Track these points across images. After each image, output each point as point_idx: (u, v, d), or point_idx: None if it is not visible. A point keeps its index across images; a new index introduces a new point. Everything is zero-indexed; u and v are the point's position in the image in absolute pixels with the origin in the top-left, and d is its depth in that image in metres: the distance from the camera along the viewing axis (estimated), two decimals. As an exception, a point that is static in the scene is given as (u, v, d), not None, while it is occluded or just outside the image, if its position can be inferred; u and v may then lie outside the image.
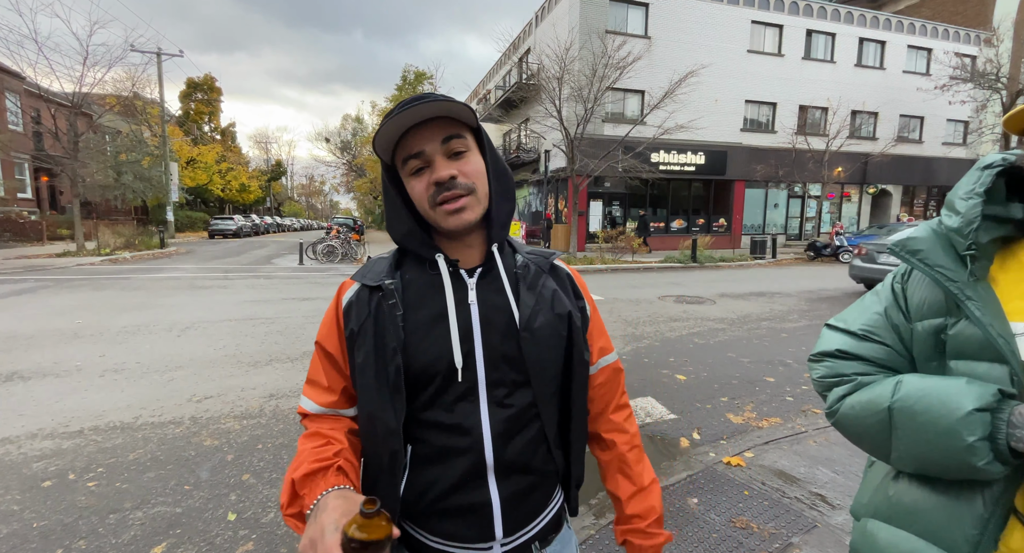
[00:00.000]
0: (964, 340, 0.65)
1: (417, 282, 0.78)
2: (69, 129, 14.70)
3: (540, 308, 0.78)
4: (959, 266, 0.66)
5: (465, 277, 0.78)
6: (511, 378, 0.76)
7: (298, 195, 75.99)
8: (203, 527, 2.20)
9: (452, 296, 0.75)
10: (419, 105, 0.69)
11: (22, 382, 4.00)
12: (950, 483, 0.66)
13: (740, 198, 19.90)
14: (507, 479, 0.76)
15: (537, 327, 0.76)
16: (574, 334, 0.80)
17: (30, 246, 17.25)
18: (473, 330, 0.75)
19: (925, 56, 22.16)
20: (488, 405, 0.75)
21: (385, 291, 0.76)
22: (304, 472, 0.68)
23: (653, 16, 17.96)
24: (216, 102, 40.92)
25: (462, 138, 0.74)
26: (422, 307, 0.76)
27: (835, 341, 0.79)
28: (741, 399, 3.83)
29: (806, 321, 6.63)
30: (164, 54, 22.52)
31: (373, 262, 0.83)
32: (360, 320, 0.75)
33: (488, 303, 0.77)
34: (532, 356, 0.76)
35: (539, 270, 0.83)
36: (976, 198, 0.66)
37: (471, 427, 0.74)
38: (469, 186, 0.73)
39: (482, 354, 0.75)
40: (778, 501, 2.36)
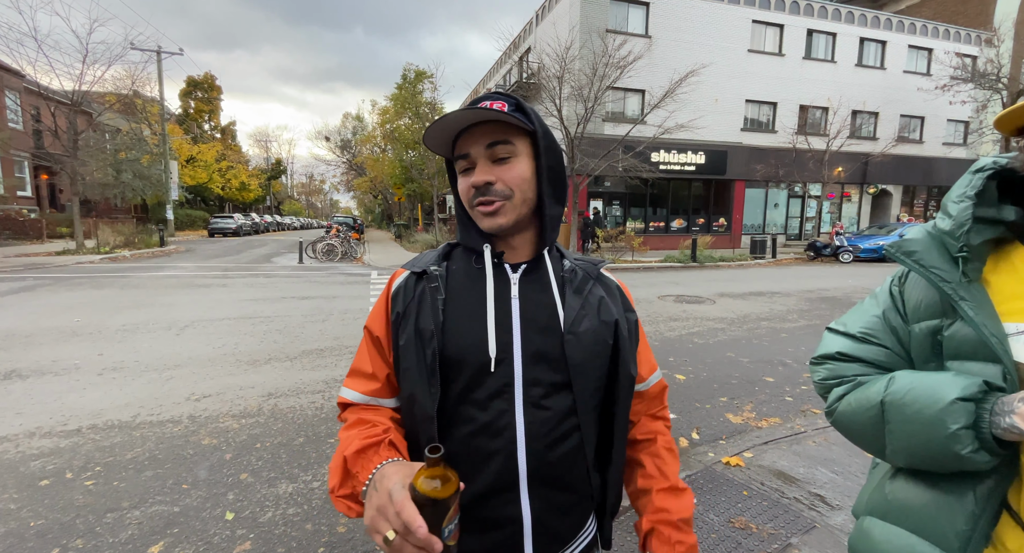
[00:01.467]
0: (959, 341, 0.66)
1: (462, 271, 0.79)
2: (69, 127, 14.68)
3: (586, 313, 0.77)
4: (953, 268, 0.67)
5: (509, 272, 0.78)
6: (549, 378, 0.74)
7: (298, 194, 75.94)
8: (201, 526, 2.20)
9: (492, 287, 0.75)
10: (465, 111, 0.71)
11: (20, 380, 3.99)
12: (942, 480, 0.67)
13: (740, 198, 19.89)
14: (541, 492, 0.72)
15: (582, 331, 0.75)
16: (620, 344, 0.78)
17: (29, 244, 17.23)
18: (513, 324, 0.74)
19: (926, 56, 22.13)
20: (524, 404, 0.72)
21: (429, 275, 0.77)
22: (356, 449, 0.67)
23: (654, 15, 17.94)
24: (216, 100, 40.88)
25: (508, 144, 0.74)
26: (464, 295, 0.76)
27: (836, 344, 0.81)
28: (740, 399, 3.83)
29: (806, 321, 6.62)
30: (164, 52, 22.48)
31: (424, 253, 0.85)
32: (405, 303, 0.76)
33: (531, 300, 0.76)
34: (576, 358, 0.74)
35: (587, 276, 0.82)
36: (968, 201, 0.68)
37: (504, 427, 0.71)
38: (505, 192, 0.74)
39: (520, 349, 0.73)
40: (777, 501, 2.36)
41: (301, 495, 2.46)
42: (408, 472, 0.60)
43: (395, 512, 0.55)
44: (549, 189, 0.78)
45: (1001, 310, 0.64)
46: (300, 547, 2.08)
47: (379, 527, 0.56)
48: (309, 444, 3.01)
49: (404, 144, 24.84)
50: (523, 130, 0.75)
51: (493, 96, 0.76)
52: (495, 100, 0.75)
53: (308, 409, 3.54)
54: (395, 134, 25.60)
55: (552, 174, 0.78)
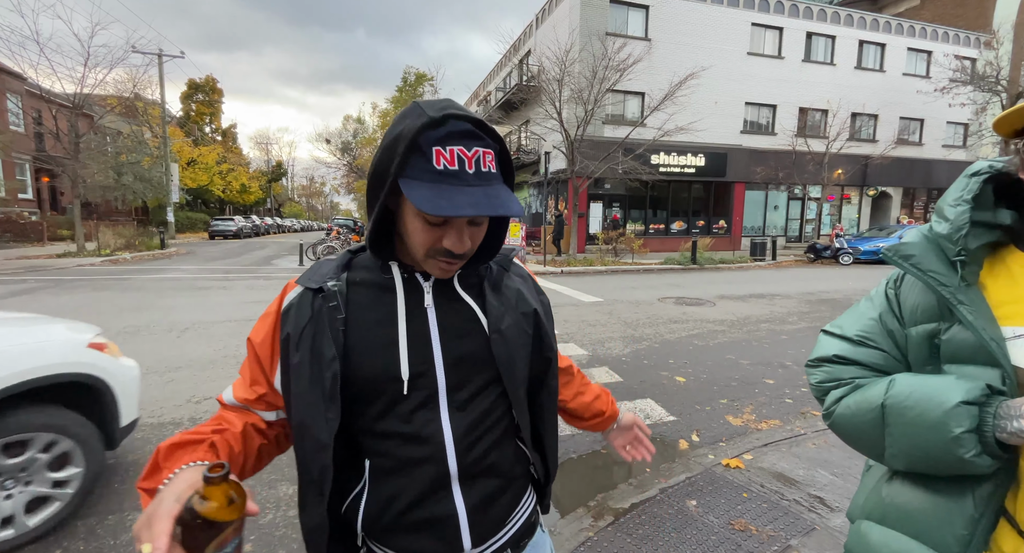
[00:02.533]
0: (957, 344, 0.66)
1: (368, 284, 0.74)
2: (70, 130, 14.73)
3: (506, 309, 0.77)
4: (950, 271, 0.67)
5: (420, 280, 0.74)
6: (476, 380, 0.74)
7: (298, 196, 76.05)
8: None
9: (404, 302, 0.72)
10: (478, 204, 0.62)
11: (22, 383, 3.99)
12: (941, 484, 0.67)
13: (740, 200, 19.92)
14: (472, 486, 0.73)
15: (505, 328, 0.75)
16: (541, 330, 0.81)
17: (30, 247, 17.28)
18: (431, 335, 0.72)
19: (925, 58, 22.20)
20: (449, 411, 0.72)
21: (327, 293, 0.71)
22: (171, 442, 0.63)
23: (653, 18, 18.01)
24: (217, 103, 40.99)
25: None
26: (370, 311, 0.72)
27: (832, 347, 0.81)
28: (740, 401, 3.83)
29: (806, 323, 6.63)
30: (165, 55, 22.57)
31: (320, 264, 0.78)
32: (298, 324, 0.70)
33: (446, 306, 0.74)
34: (503, 357, 0.74)
35: (501, 269, 0.82)
36: (964, 205, 0.68)
37: (431, 435, 0.71)
38: (468, 254, 0.71)
39: (441, 359, 0.72)
40: (777, 503, 2.36)
41: (302, 497, 2.47)
42: (192, 483, 0.56)
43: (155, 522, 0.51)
44: (499, 228, 0.79)
45: (998, 314, 0.64)
46: (301, 549, 2.08)
47: (139, 536, 0.51)
48: (310, 446, 3.01)
49: (404, 146, 24.84)
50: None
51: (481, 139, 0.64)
52: (485, 149, 0.64)
53: (309, 411, 3.54)
54: (395, 136, 25.58)
55: (500, 231, 0.79)
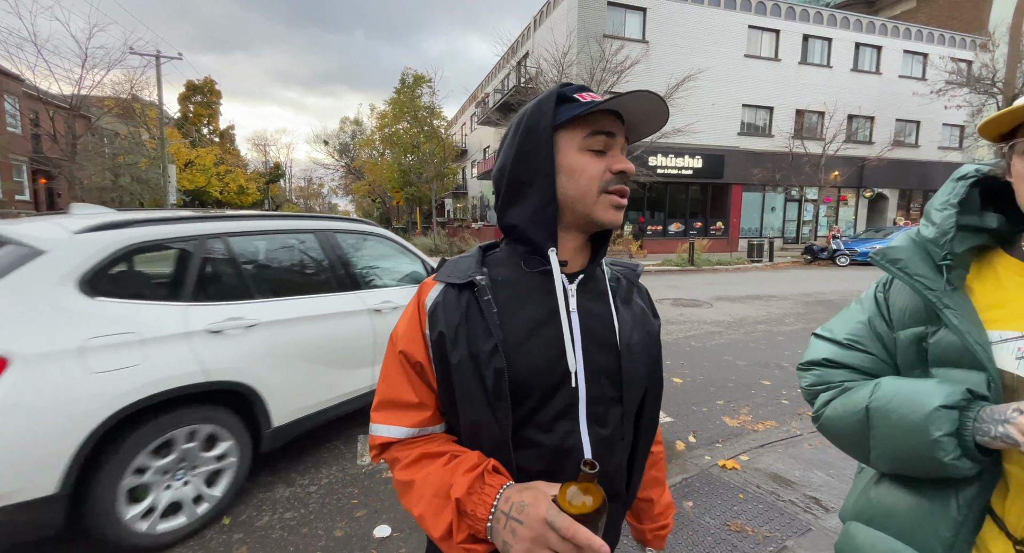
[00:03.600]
0: (944, 348, 0.67)
1: (510, 281, 0.71)
2: (67, 131, 14.71)
3: (635, 325, 0.75)
4: (937, 275, 0.67)
5: (565, 282, 0.71)
6: (608, 394, 0.71)
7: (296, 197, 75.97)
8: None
9: (563, 296, 0.68)
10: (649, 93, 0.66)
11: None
12: (925, 486, 0.68)
13: (737, 201, 19.98)
14: None
15: (635, 343, 0.73)
16: (659, 354, 0.80)
17: (27, 248, 17.16)
18: (574, 340, 0.69)
19: (921, 61, 22.32)
20: (588, 423, 0.69)
21: (478, 287, 0.68)
22: (466, 486, 0.61)
23: (651, 20, 18.08)
24: (215, 104, 40.93)
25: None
26: (519, 308, 0.69)
27: (823, 350, 0.82)
28: (737, 402, 3.84)
29: (802, 324, 6.65)
30: (163, 57, 22.53)
31: (456, 261, 0.75)
32: (450, 321, 0.67)
33: (589, 313, 0.72)
34: (630, 373, 0.72)
35: (630, 284, 0.80)
36: (951, 209, 0.68)
37: (571, 448, 0.67)
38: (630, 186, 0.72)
39: (583, 367, 0.69)
40: (773, 504, 2.37)
41: (298, 499, 2.46)
42: (545, 496, 0.56)
43: (561, 538, 0.52)
44: None
45: (984, 318, 0.64)
46: (297, 551, 2.08)
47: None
48: (306, 449, 3.01)
49: (402, 148, 24.91)
50: None
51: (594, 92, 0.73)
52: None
53: (306, 413, 3.53)
54: (393, 138, 25.67)
55: None
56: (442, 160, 23.97)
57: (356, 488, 2.57)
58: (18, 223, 2.06)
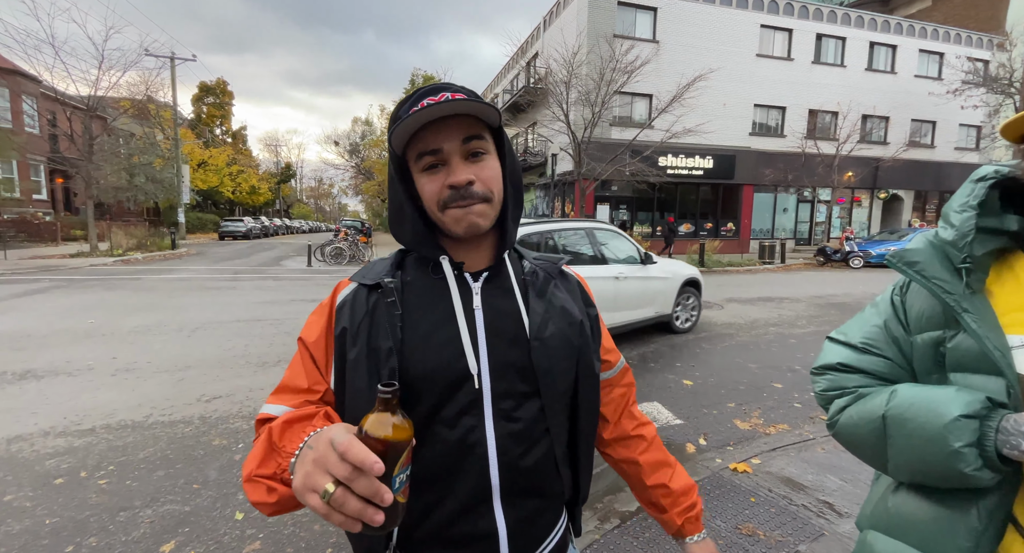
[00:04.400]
0: (962, 353, 0.65)
1: (418, 284, 0.73)
2: (84, 132, 14.97)
3: (551, 316, 0.74)
4: (955, 278, 0.66)
5: (470, 281, 0.74)
6: (518, 389, 0.71)
7: (307, 197, 76.63)
8: (211, 526, 2.23)
9: (459, 298, 0.71)
10: (443, 104, 0.63)
11: (36, 380, 4.07)
12: (945, 495, 0.66)
13: (749, 202, 19.79)
14: (514, 503, 0.71)
15: (548, 336, 0.73)
16: (584, 344, 0.77)
17: (44, 247, 17.56)
18: (478, 337, 0.70)
19: (937, 60, 21.96)
20: (494, 419, 0.70)
21: (384, 289, 0.71)
22: (284, 420, 0.59)
23: (661, 20, 17.98)
24: (228, 105, 41.47)
25: (482, 139, 0.69)
26: (423, 310, 0.71)
27: (837, 354, 0.80)
28: (748, 405, 3.80)
29: (815, 327, 6.57)
30: (177, 58, 22.86)
31: (373, 263, 0.78)
32: (354, 319, 0.70)
33: (495, 309, 0.73)
34: (543, 366, 0.71)
35: (548, 276, 0.79)
36: (970, 211, 0.66)
37: (475, 443, 0.69)
38: (485, 193, 0.69)
39: (488, 363, 0.70)
40: (785, 508, 2.34)
41: (309, 496, 2.48)
42: (347, 427, 0.52)
43: (338, 457, 0.45)
44: (511, 190, 0.74)
45: (1004, 322, 0.63)
46: (308, 547, 2.10)
47: (315, 483, 0.46)
48: (317, 446, 3.04)
49: (412, 148, 24.97)
50: (488, 126, 0.71)
51: (449, 87, 0.68)
52: (454, 92, 0.67)
53: (316, 411, 3.57)
54: (403, 138, 25.72)
55: (514, 175, 0.75)
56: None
57: (366, 486, 2.58)
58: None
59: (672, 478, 0.87)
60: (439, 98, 0.66)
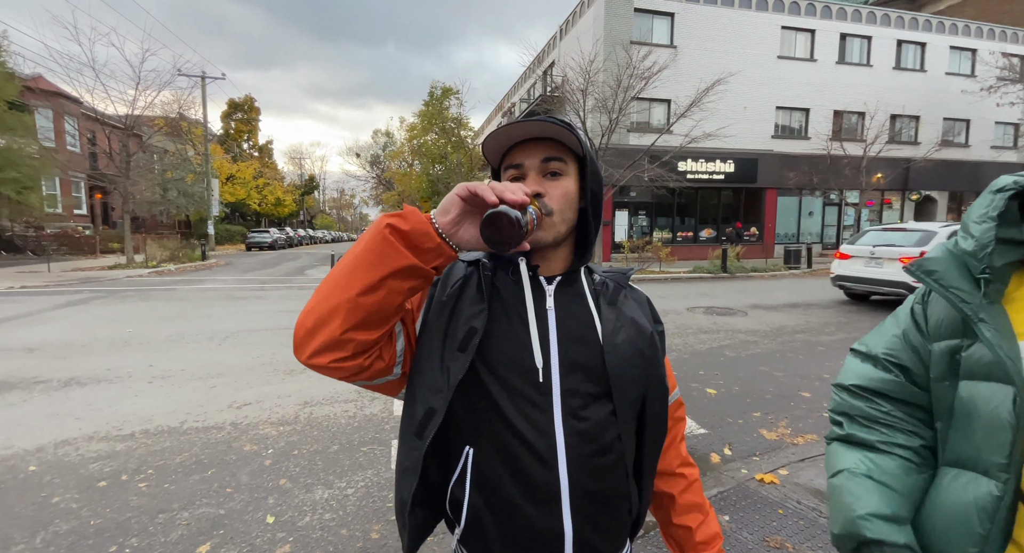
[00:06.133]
0: (976, 361, 0.67)
1: (500, 279, 0.79)
2: (122, 149, 15.71)
3: (622, 324, 0.78)
4: (973, 288, 0.67)
5: (544, 284, 0.78)
6: (587, 389, 0.73)
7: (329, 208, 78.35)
8: (244, 528, 2.30)
9: (531, 295, 0.75)
10: (523, 122, 0.73)
11: (79, 387, 4.27)
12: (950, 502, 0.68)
13: (772, 206, 19.38)
14: (582, 506, 0.71)
15: (620, 342, 0.75)
16: (654, 356, 0.79)
17: (85, 259, 18.40)
18: (550, 335, 0.74)
19: (969, 57, 21.21)
20: (563, 415, 0.71)
21: (482, 264, 0.78)
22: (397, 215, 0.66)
23: (679, 25, 17.91)
24: (255, 121, 42.86)
25: (562, 162, 0.76)
26: (501, 303, 0.76)
27: (853, 374, 0.84)
28: (775, 414, 3.72)
29: (844, 334, 6.38)
30: (208, 77, 23.84)
31: (465, 254, 0.84)
32: (452, 275, 0.78)
33: (567, 311, 0.77)
34: (615, 369, 0.73)
35: (618, 287, 0.83)
36: (989, 222, 0.67)
37: (543, 436, 0.70)
38: (548, 207, 0.74)
39: (557, 360, 0.73)
40: (815, 521, 2.29)
41: (336, 501, 2.54)
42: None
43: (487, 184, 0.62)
44: (592, 210, 0.80)
45: (1019, 331, 0.64)
46: (336, 551, 2.15)
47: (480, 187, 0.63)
48: (343, 452, 3.10)
49: (431, 159, 25.43)
50: (574, 153, 0.78)
51: (550, 120, 0.75)
52: (536, 122, 0.75)
53: (342, 418, 3.65)
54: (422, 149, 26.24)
55: (595, 198, 0.80)
56: (469, 169, 24.30)
57: (391, 492, 2.63)
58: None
59: (700, 526, 0.87)
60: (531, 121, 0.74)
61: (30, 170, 15.57)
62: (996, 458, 0.62)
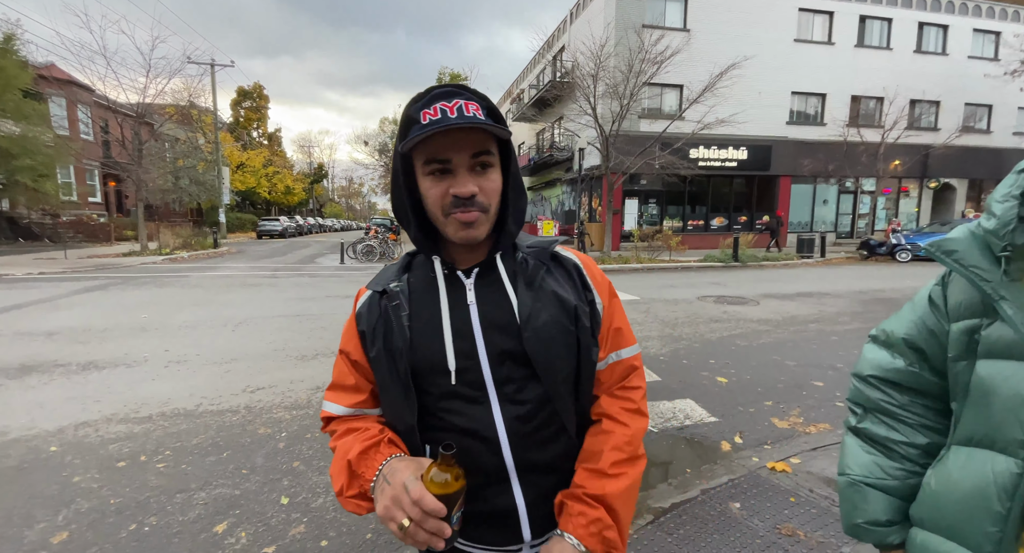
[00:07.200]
0: (995, 340, 0.67)
1: (421, 283, 0.80)
2: (134, 137, 15.84)
3: (542, 305, 0.76)
4: (994, 267, 0.68)
5: (462, 278, 0.78)
6: (518, 374, 0.75)
7: (338, 197, 78.63)
8: (259, 509, 2.35)
9: (446, 297, 0.76)
10: (458, 119, 0.66)
11: (98, 371, 4.36)
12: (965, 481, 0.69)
13: (786, 194, 19.07)
14: (530, 480, 0.76)
15: (540, 325, 0.74)
16: (580, 330, 0.77)
17: (99, 246, 18.69)
18: (474, 329, 0.75)
19: (993, 39, 20.51)
20: (500, 403, 0.75)
21: (390, 293, 0.78)
22: (359, 451, 0.72)
23: (692, 8, 17.50)
24: (264, 109, 42.96)
25: (490, 154, 0.73)
26: (424, 308, 0.77)
27: (869, 364, 0.86)
28: (787, 403, 3.70)
29: (859, 323, 6.30)
30: (217, 65, 23.83)
31: (385, 269, 0.86)
32: (370, 323, 0.78)
33: (488, 302, 0.77)
34: (538, 354, 0.74)
35: (538, 264, 0.80)
36: (1012, 200, 0.67)
37: (485, 428, 0.74)
38: (484, 205, 0.73)
39: (485, 352, 0.75)
40: (827, 509, 2.28)
41: (349, 484, 2.58)
42: (416, 467, 0.67)
43: (412, 501, 0.62)
44: (513, 195, 0.77)
45: None
46: (350, 532, 2.19)
47: (394, 515, 0.63)
48: (355, 436, 3.14)
49: (440, 146, 25.22)
50: (496, 138, 0.73)
51: (461, 93, 0.70)
52: (467, 100, 0.69)
53: (353, 403, 3.69)
54: (431, 137, 26.02)
55: (515, 180, 0.77)
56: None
57: (403, 476, 2.66)
58: None
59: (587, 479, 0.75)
60: (453, 105, 0.68)
61: (45, 158, 15.78)
62: (1016, 435, 0.63)
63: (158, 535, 2.14)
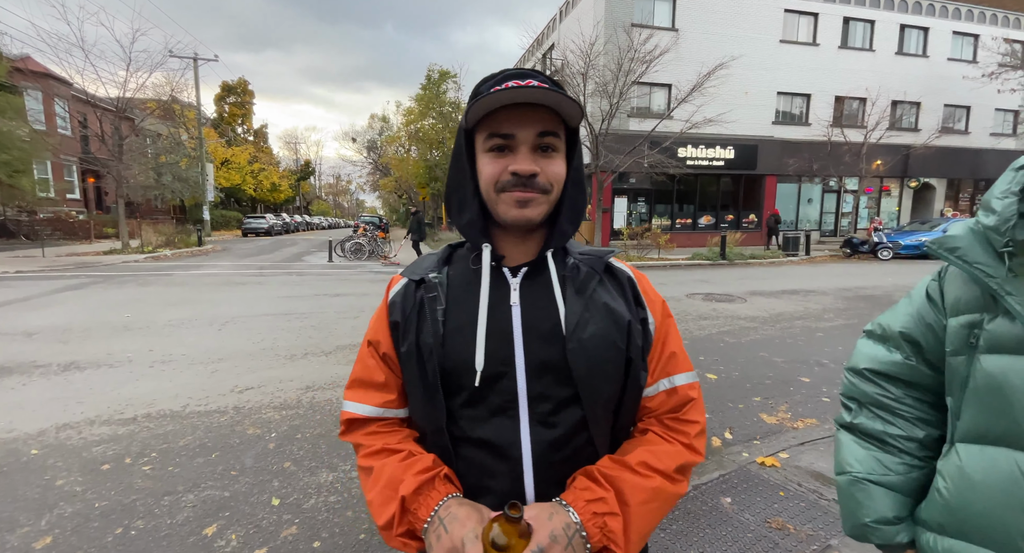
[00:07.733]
0: (1000, 335, 0.67)
1: (461, 277, 0.73)
2: (114, 132, 15.45)
3: (591, 316, 0.69)
4: (998, 263, 0.68)
5: (508, 276, 0.72)
6: (557, 393, 0.68)
7: (326, 194, 77.76)
8: (250, 511, 2.31)
9: (487, 293, 0.69)
10: (527, 89, 0.62)
11: (79, 372, 4.26)
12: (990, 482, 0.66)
13: (771, 193, 19.34)
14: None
15: (587, 337, 0.67)
16: (632, 349, 0.70)
17: (79, 244, 18.23)
18: (514, 334, 0.68)
19: (972, 42, 21.01)
20: (530, 423, 0.67)
21: (428, 284, 0.72)
22: (414, 487, 0.65)
23: (681, 8, 17.61)
24: (249, 104, 42.25)
25: (557, 137, 0.68)
26: (462, 304, 0.71)
27: (864, 357, 0.86)
28: (775, 399, 3.76)
29: (843, 320, 6.42)
30: (200, 59, 23.34)
31: (423, 258, 0.80)
32: (404, 313, 0.72)
33: (533, 306, 0.70)
34: (581, 370, 0.66)
35: (591, 272, 0.73)
36: (1012, 197, 0.68)
37: (508, 446, 0.67)
38: (545, 187, 0.68)
39: (523, 362, 0.67)
40: (815, 503, 2.32)
41: (341, 484, 2.56)
42: (478, 517, 0.62)
43: None
44: (573, 190, 0.72)
45: None
46: (342, 532, 2.17)
47: None
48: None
49: (428, 144, 25.14)
50: (565, 125, 0.70)
51: (536, 76, 0.67)
52: (541, 81, 0.66)
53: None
54: (419, 134, 25.93)
55: (577, 175, 0.73)
56: (468, 155, 24.03)
57: (396, 475, 2.64)
58: None
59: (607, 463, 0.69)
60: (525, 83, 0.65)
61: (21, 153, 15.29)
62: None
63: (145, 539, 2.10)
